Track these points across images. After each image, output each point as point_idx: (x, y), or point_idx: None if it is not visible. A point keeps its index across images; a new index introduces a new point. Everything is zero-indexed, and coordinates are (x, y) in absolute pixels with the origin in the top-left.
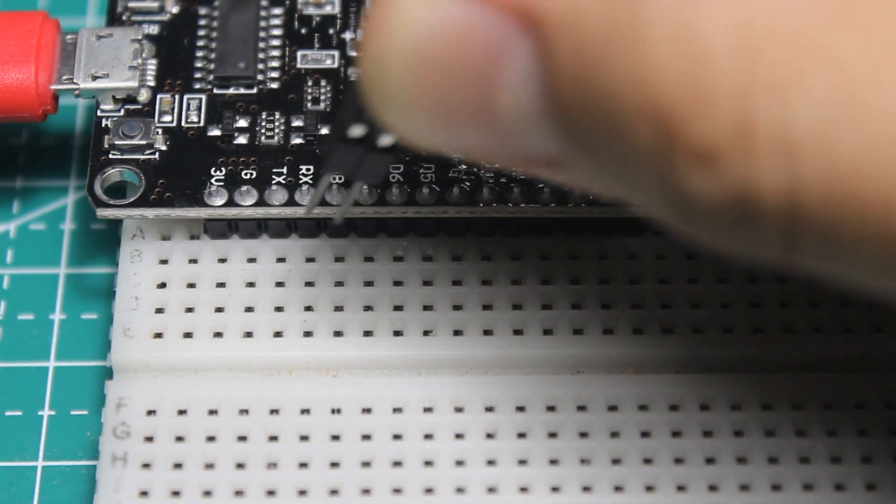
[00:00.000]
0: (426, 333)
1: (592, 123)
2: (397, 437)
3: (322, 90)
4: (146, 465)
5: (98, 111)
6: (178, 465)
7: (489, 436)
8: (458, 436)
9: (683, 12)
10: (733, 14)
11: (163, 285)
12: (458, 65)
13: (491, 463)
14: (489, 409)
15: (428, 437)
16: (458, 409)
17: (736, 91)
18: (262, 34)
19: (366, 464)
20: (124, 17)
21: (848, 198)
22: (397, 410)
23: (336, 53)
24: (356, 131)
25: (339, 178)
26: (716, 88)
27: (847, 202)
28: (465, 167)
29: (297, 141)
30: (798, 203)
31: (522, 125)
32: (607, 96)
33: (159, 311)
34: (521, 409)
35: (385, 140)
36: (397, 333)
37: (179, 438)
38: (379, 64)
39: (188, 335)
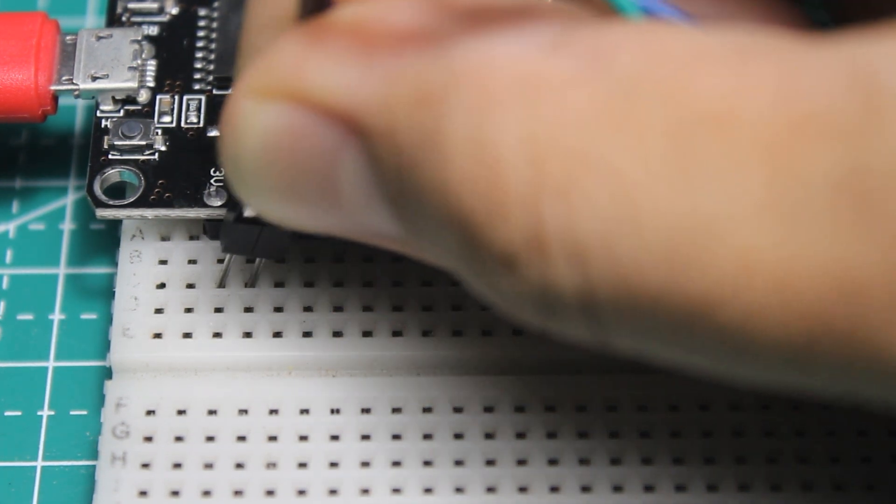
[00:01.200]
0: (425, 334)
1: (417, 218)
2: (396, 437)
3: None
4: (145, 465)
5: (98, 112)
6: (177, 465)
7: (488, 436)
8: (457, 436)
9: (479, 124)
10: (523, 125)
11: (162, 285)
12: (299, 160)
13: (490, 463)
14: (488, 410)
15: (427, 436)
16: (457, 410)
17: (526, 199)
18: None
19: (365, 464)
20: (124, 18)
21: (636, 293)
22: (396, 410)
23: None
24: (250, 211)
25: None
26: (508, 197)
27: (636, 297)
28: None
29: None
30: (593, 300)
31: (363, 211)
32: (421, 200)
33: (158, 311)
34: (519, 409)
35: None
36: (396, 334)
37: (179, 438)
38: (233, 161)
39: (187, 335)
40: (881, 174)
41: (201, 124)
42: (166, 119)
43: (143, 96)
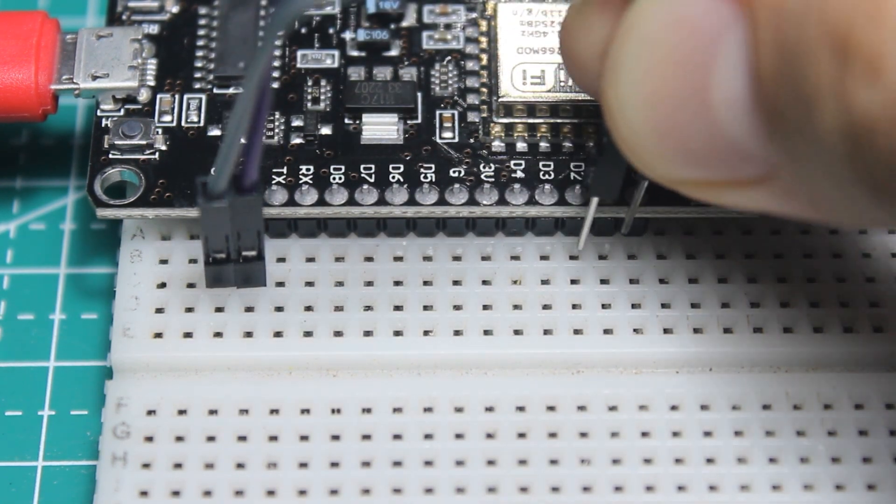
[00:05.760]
0: (426, 333)
1: (789, 104)
2: (397, 437)
3: (322, 90)
4: (146, 465)
5: (98, 111)
6: (178, 465)
7: (489, 436)
8: (458, 436)
9: None
10: None
11: (163, 285)
12: (677, 53)
13: (491, 463)
14: (489, 409)
15: (428, 437)
16: (458, 409)
17: None
18: (262, 34)
19: (366, 464)
20: (124, 17)
21: None
22: (397, 410)
23: (336, 53)
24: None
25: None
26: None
27: None
28: (465, 167)
29: (297, 141)
30: None
31: (731, 119)
32: (799, 41)
33: (159, 311)
34: (521, 409)
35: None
36: (397, 333)
37: (179, 438)
38: (617, 61)
39: (188, 335)
40: None
41: (202, 123)
42: (167, 118)
43: (144, 95)
